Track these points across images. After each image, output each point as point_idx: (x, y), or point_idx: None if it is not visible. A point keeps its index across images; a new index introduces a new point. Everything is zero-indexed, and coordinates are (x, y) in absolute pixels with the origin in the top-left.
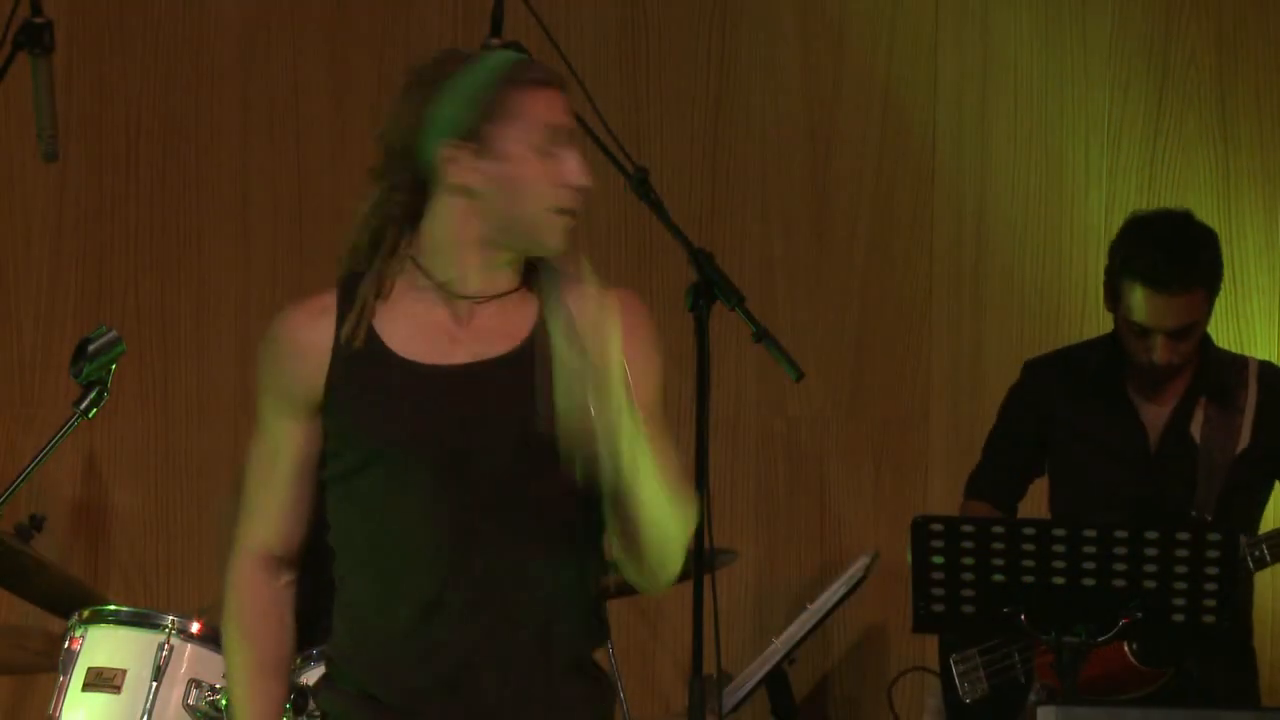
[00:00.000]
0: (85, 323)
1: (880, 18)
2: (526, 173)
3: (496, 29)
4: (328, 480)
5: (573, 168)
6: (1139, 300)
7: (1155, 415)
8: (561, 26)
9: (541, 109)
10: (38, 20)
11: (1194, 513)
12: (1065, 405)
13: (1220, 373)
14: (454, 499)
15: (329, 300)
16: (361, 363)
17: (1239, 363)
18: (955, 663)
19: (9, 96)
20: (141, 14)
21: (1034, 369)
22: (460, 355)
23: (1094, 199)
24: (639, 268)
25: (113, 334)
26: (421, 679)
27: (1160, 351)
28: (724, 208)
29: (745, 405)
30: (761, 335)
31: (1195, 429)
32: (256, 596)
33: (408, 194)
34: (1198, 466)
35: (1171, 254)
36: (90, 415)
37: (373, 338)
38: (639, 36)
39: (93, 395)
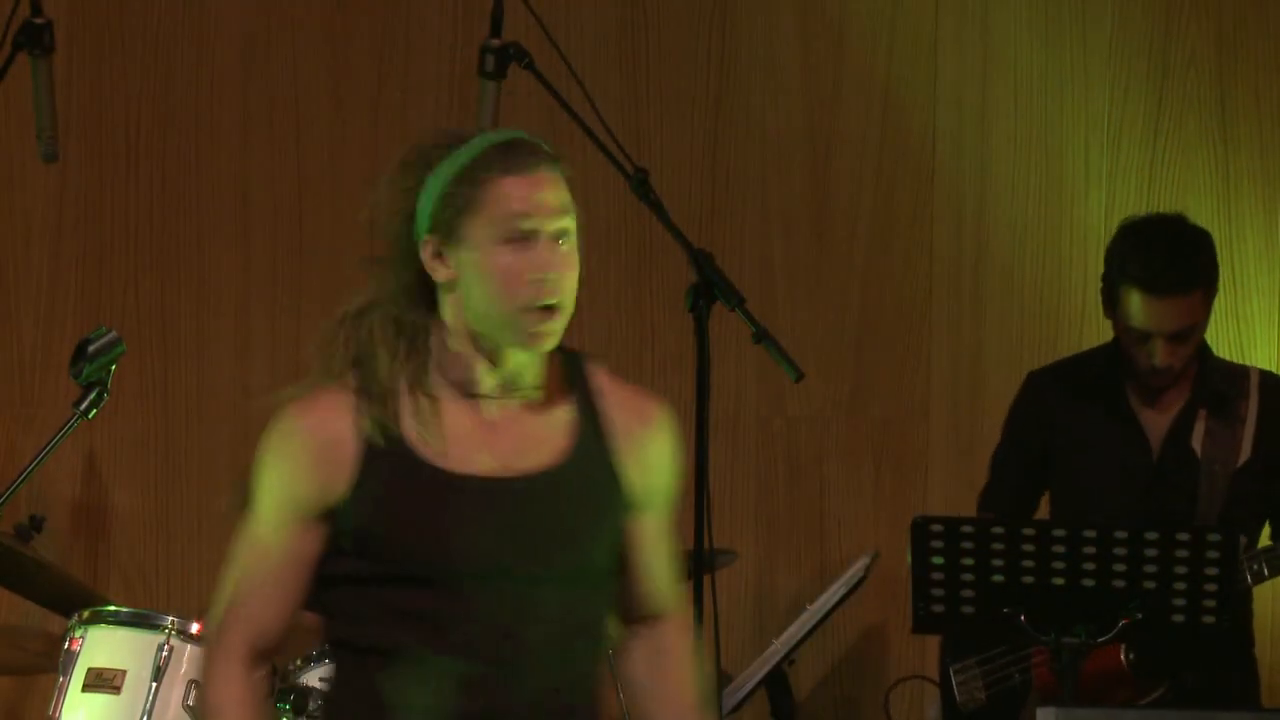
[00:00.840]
0: (85, 323)
1: (880, 17)
2: (495, 268)
3: (496, 29)
4: (338, 577)
5: (542, 259)
6: (1137, 305)
7: (1157, 425)
8: (561, 26)
9: (511, 198)
10: (38, 21)
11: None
12: (1067, 414)
13: (1219, 382)
14: (488, 610)
15: (342, 400)
16: (389, 467)
17: (1239, 372)
18: (955, 672)
19: (9, 97)
20: (141, 14)
21: (1035, 380)
22: (488, 464)
23: (1094, 200)
24: (639, 268)
25: (112, 334)
26: None
27: (1160, 355)
28: (724, 208)
29: (745, 405)
30: (761, 336)
31: (1196, 441)
32: (238, 697)
33: (414, 280)
34: (1199, 480)
35: (1167, 257)
36: (90, 416)
37: (398, 440)
38: (639, 36)
39: (92, 396)
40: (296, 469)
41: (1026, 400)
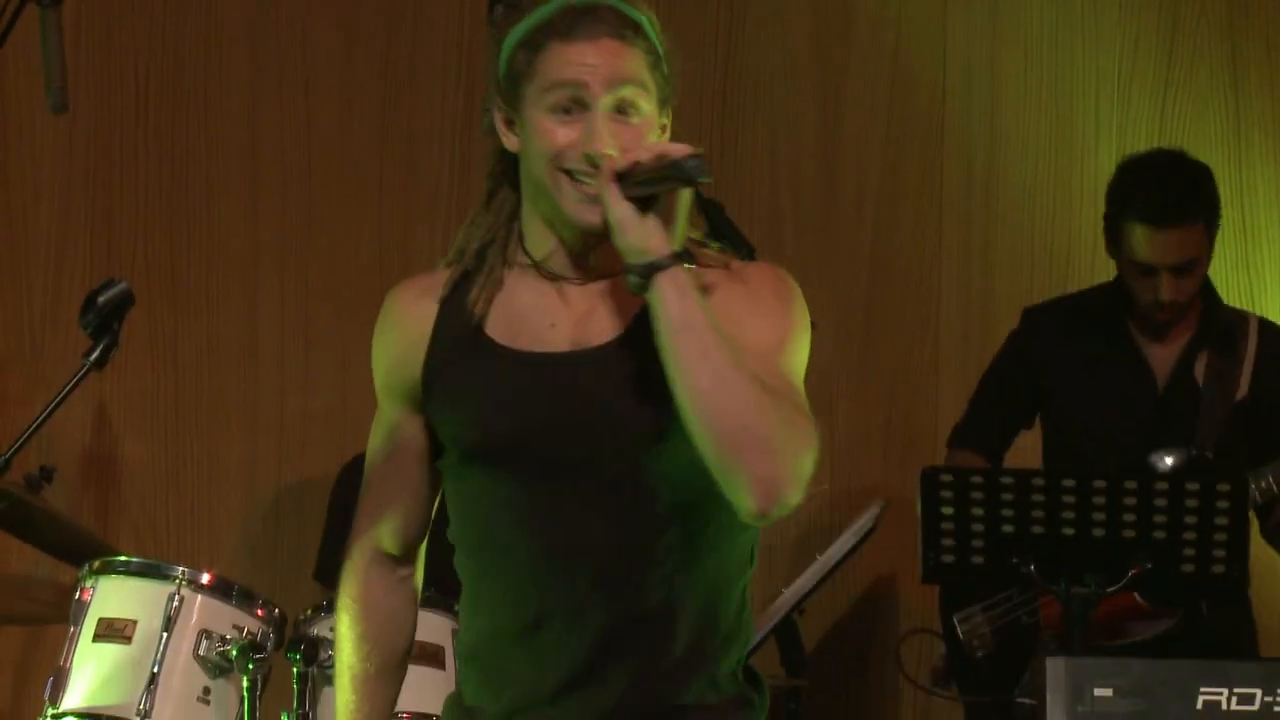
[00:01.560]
0: (94, 276)
1: None
2: (546, 140)
3: None
4: (442, 471)
5: (594, 131)
6: (1140, 238)
7: (1161, 359)
8: None
9: (563, 64)
10: None
11: (1194, 450)
12: (1067, 350)
13: (1223, 320)
14: (556, 494)
15: (438, 279)
16: (461, 349)
17: (1239, 316)
18: (959, 621)
19: (16, 50)
20: None
21: (1034, 315)
22: (560, 343)
23: (1104, 153)
24: None
25: (123, 285)
26: (532, 692)
27: (1166, 289)
28: (733, 164)
29: None
30: None
31: (1199, 373)
32: (373, 598)
33: (502, 159)
34: (1200, 409)
35: (1168, 189)
36: (101, 367)
37: (470, 317)
38: None
39: (102, 346)
40: (384, 345)
41: (1024, 335)
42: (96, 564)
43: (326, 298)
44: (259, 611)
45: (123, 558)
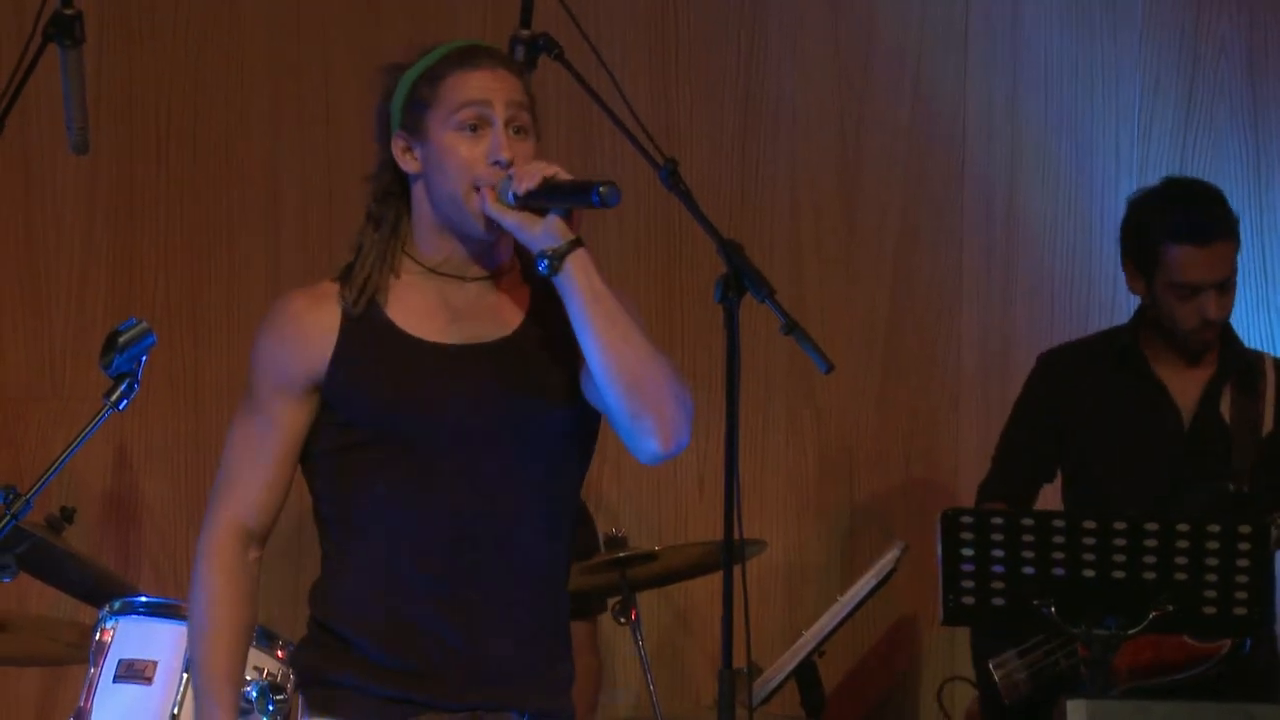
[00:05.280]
0: (116, 314)
1: (910, 7)
2: (447, 152)
3: (526, 20)
4: (327, 452)
5: (497, 143)
6: (1184, 259)
7: (1185, 395)
8: (590, 16)
9: (464, 88)
10: (68, 11)
11: (1231, 486)
12: (1087, 392)
13: (1244, 356)
14: (460, 468)
15: (331, 287)
16: (369, 336)
17: (1255, 355)
18: (994, 667)
19: (39, 88)
20: (170, 3)
21: (1050, 360)
22: (457, 336)
23: (1125, 190)
24: (669, 258)
25: (143, 325)
26: (434, 640)
27: (1213, 307)
28: (754, 197)
29: (775, 395)
30: (791, 327)
31: (1225, 408)
32: (228, 564)
33: (395, 181)
34: (1233, 443)
35: (1204, 207)
36: (121, 407)
37: (379, 313)
38: (668, 26)
39: (123, 387)
40: (284, 342)
41: (1041, 379)
42: (117, 604)
43: None
44: (279, 653)
45: (143, 598)
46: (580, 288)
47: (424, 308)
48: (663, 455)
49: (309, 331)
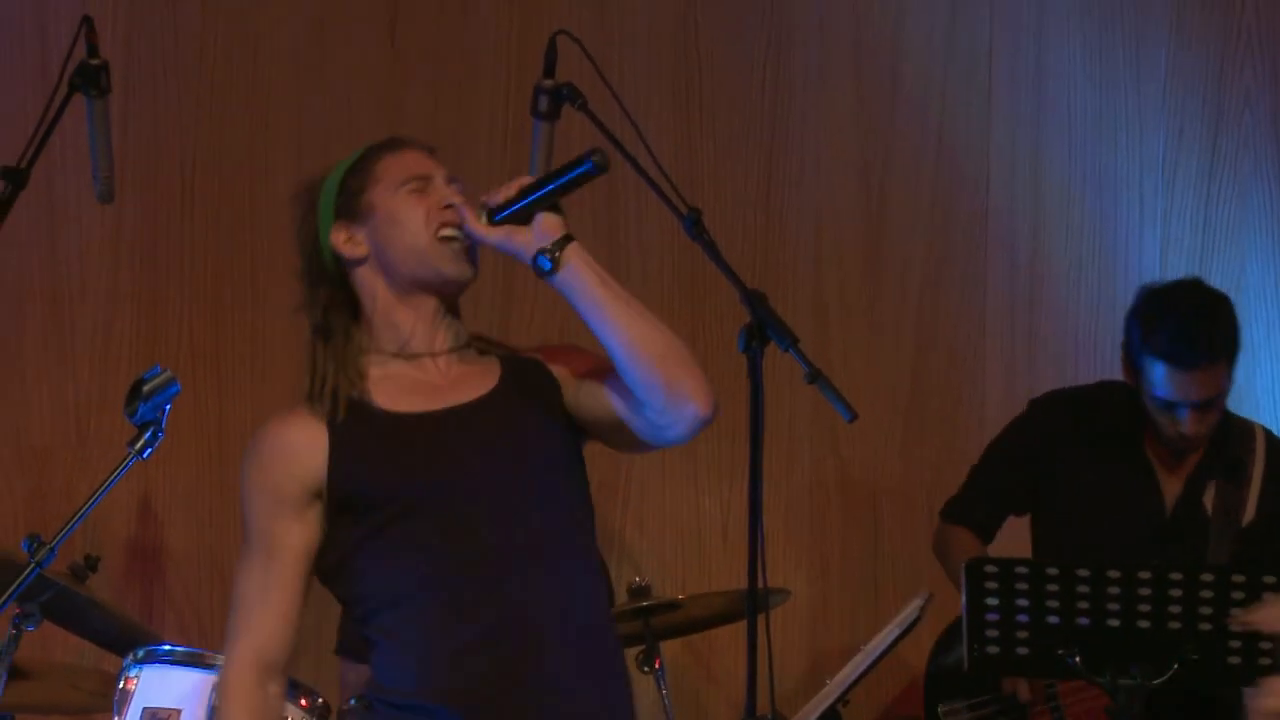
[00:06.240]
0: (140, 362)
1: (934, 59)
2: (400, 212)
3: (550, 70)
4: (346, 557)
5: (440, 195)
6: (1163, 377)
7: (1171, 483)
8: (614, 66)
9: (401, 162)
10: (94, 62)
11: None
12: (1074, 450)
13: (1234, 445)
14: (483, 516)
15: (304, 410)
16: (359, 428)
17: (1248, 432)
18: (943, 714)
19: (65, 137)
20: (195, 55)
21: (1042, 407)
22: (441, 404)
23: (1149, 240)
24: (693, 308)
25: (167, 374)
26: (500, 689)
27: (1190, 424)
28: (777, 246)
29: (798, 444)
30: (814, 376)
31: (1208, 500)
32: (250, 704)
33: (334, 291)
34: (1210, 536)
35: (1192, 331)
36: (145, 456)
37: (361, 405)
38: (692, 77)
39: (147, 436)
40: (273, 463)
41: (1030, 424)
42: (141, 653)
43: None
44: (303, 702)
45: (167, 647)
46: (586, 275)
47: (401, 389)
48: (704, 419)
49: (297, 447)
